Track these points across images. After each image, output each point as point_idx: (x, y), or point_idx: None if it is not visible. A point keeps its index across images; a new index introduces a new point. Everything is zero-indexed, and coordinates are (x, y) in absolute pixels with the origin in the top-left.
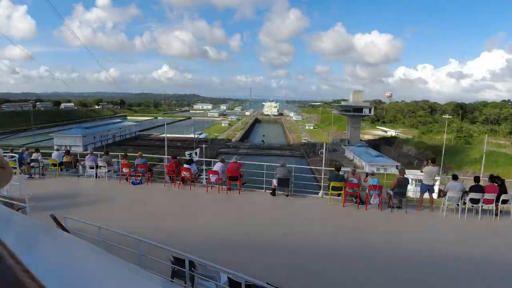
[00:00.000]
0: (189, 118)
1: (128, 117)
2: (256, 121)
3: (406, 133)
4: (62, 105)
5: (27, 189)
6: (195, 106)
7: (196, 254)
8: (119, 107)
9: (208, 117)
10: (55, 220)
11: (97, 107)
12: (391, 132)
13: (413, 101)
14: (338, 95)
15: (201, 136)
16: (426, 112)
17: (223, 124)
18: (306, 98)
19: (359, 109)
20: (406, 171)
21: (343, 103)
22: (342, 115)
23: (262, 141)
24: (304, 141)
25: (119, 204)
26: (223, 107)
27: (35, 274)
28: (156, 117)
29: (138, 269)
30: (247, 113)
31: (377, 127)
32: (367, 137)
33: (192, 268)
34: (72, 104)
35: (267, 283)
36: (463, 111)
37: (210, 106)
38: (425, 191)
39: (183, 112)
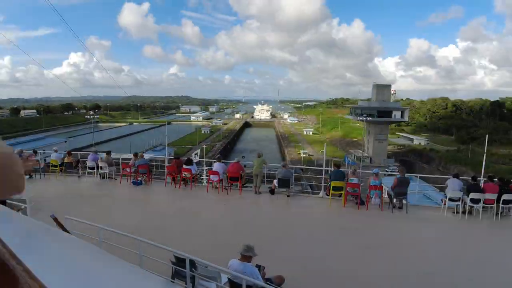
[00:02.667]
0: (169, 123)
1: (99, 124)
2: (246, 125)
3: (436, 141)
4: (22, 113)
5: (27, 190)
6: (182, 109)
7: (197, 255)
8: (92, 112)
9: (190, 121)
10: (55, 221)
11: (66, 113)
12: (420, 141)
13: (430, 99)
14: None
15: (156, 153)
16: (451, 112)
17: (203, 131)
18: (301, 97)
19: (386, 112)
20: None
21: (361, 103)
22: (357, 120)
23: None
24: (303, 154)
25: (120, 205)
26: (212, 109)
27: (35, 274)
28: (132, 123)
29: (139, 269)
30: (237, 116)
31: (397, 133)
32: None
33: (193, 269)
34: (34, 111)
35: (267, 283)
36: (501, 109)
37: (198, 108)
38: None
39: (169, 116)
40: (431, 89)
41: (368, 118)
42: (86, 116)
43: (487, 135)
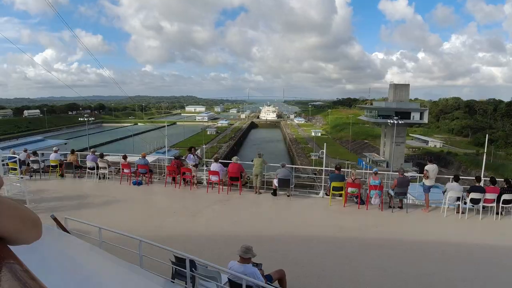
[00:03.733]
0: (173, 123)
1: (103, 124)
2: (252, 125)
3: (451, 143)
4: (25, 113)
5: (28, 190)
6: (187, 109)
7: (197, 255)
8: (96, 112)
9: (195, 122)
10: (55, 221)
11: (70, 113)
12: (435, 143)
13: (442, 99)
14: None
15: (160, 155)
16: (464, 113)
17: (208, 132)
18: (307, 97)
19: (405, 114)
20: None
21: (376, 103)
22: (372, 122)
23: None
24: (314, 157)
25: (120, 205)
26: (217, 109)
27: (35, 274)
28: (136, 123)
29: (139, 269)
30: (242, 116)
31: (410, 134)
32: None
33: (193, 269)
34: (37, 111)
35: (267, 283)
36: None
37: (203, 108)
38: (429, 191)
39: (173, 116)
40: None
41: (392, 121)
42: (79, 119)
43: (487, 135)
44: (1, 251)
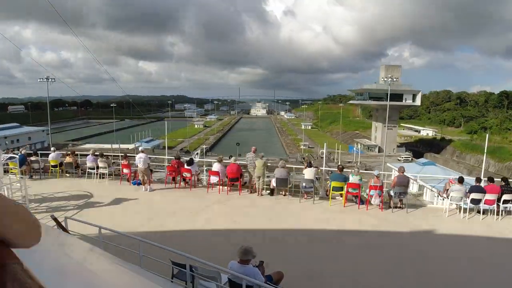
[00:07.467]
0: (161, 119)
1: (90, 120)
2: (242, 118)
3: (443, 132)
4: (10, 108)
5: (28, 190)
6: (177, 106)
7: (197, 255)
8: (83, 109)
9: (184, 118)
10: (55, 221)
11: (56, 109)
12: (427, 131)
13: (433, 91)
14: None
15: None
16: (456, 104)
17: (196, 126)
18: (297, 97)
19: (397, 96)
20: None
21: (366, 86)
22: (362, 104)
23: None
24: (304, 147)
25: (120, 205)
26: (207, 106)
27: (35, 274)
28: (123, 119)
29: (139, 269)
30: (232, 112)
31: (402, 124)
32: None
33: (193, 269)
34: (22, 107)
35: (267, 282)
36: (509, 101)
37: (193, 106)
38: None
39: (163, 113)
40: None
41: (372, 102)
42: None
43: (488, 129)
44: (1, 251)
